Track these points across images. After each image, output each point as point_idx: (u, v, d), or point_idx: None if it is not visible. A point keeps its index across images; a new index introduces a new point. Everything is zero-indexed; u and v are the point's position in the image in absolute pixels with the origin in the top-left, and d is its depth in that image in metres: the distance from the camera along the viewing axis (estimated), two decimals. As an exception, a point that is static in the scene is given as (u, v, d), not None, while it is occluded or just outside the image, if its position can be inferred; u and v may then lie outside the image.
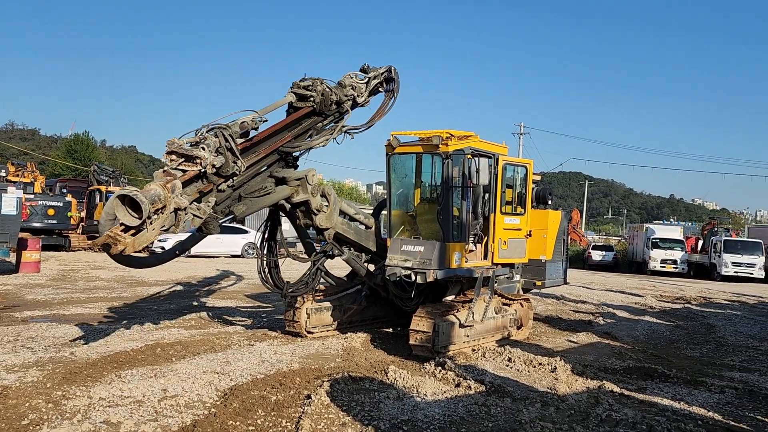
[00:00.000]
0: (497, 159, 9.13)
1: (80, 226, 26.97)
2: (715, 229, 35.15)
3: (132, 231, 5.67)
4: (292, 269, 12.82)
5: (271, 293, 14.50)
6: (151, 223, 5.69)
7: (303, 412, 5.60)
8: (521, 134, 46.76)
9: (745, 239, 33.17)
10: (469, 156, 8.49)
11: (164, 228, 5.93)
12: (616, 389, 7.00)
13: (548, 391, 6.87)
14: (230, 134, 6.56)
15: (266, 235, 8.64)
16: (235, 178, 6.86)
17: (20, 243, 16.27)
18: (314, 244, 9.17)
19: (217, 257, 26.52)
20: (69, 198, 24.95)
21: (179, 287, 15.12)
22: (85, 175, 47.92)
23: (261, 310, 12.15)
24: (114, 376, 6.58)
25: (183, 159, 6.16)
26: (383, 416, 5.69)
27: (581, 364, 8.18)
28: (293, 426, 5.32)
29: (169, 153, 6.15)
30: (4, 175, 16.57)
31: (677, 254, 32.90)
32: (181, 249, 7.52)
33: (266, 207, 7.73)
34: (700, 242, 35.58)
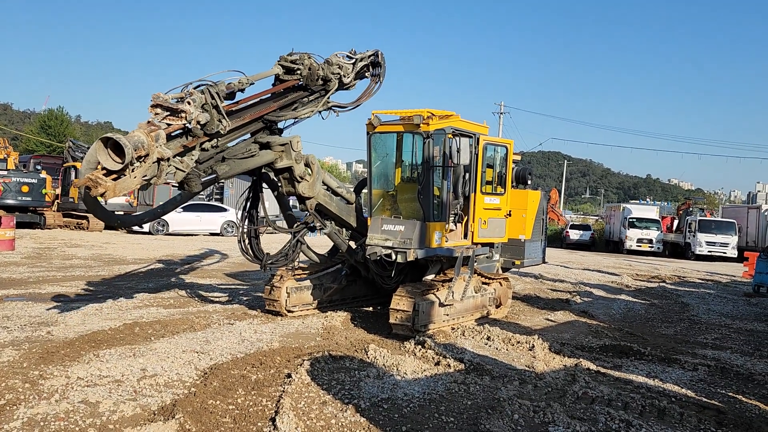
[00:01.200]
0: (478, 139, 9.13)
1: (55, 203, 26.47)
2: (690, 209, 35.70)
3: (113, 176, 5.57)
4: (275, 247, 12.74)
5: (249, 272, 14.54)
6: (132, 170, 5.60)
7: (283, 391, 5.61)
8: (501, 114, 46.82)
9: (718, 219, 33.76)
10: (449, 135, 8.47)
11: (146, 178, 5.85)
12: (593, 367, 7.13)
13: (526, 369, 6.98)
14: (216, 92, 6.51)
15: (248, 205, 8.56)
16: (219, 139, 6.80)
17: (-7, 220, 15.94)
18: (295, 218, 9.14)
19: (196, 235, 26.30)
20: (44, 175, 24.43)
21: (157, 265, 14.97)
22: (59, 152, 46.96)
23: (240, 288, 12.10)
24: (92, 356, 6.51)
25: (168, 113, 6.08)
26: (363, 395, 5.73)
27: (559, 343, 8.30)
28: (273, 405, 5.33)
29: (154, 106, 6.05)
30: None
31: (653, 234, 33.41)
32: (163, 210, 7.45)
33: (249, 169, 7.67)
34: (676, 222, 36.14)
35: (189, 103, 6.14)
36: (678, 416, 5.61)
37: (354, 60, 8.50)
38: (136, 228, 25.50)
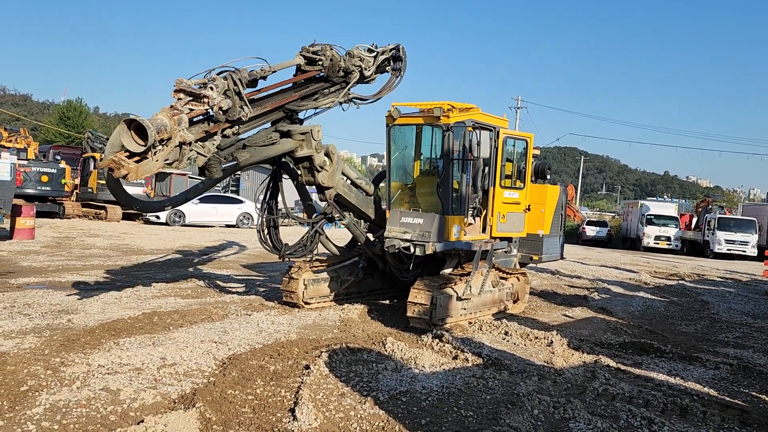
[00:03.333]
0: (498, 132, 9.04)
1: (74, 193, 26.75)
2: (709, 206, 35.25)
3: (136, 158, 5.58)
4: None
5: (266, 263, 14.59)
6: (155, 153, 5.61)
7: (302, 382, 5.60)
8: (518, 108, 46.46)
9: (738, 217, 33.30)
10: (470, 128, 8.40)
11: (167, 161, 5.86)
12: (612, 364, 7.05)
13: (545, 364, 6.92)
14: (239, 78, 6.50)
15: (267, 195, 8.56)
16: (240, 126, 6.81)
17: (14, 209, 16.12)
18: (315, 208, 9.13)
19: (212, 227, 26.45)
20: (63, 165, 24.67)
21: (175, 256, 15.07)
22: (78, 142, 47.42)
23: (257, 279, 12.14)
24: (112, 344, 6.56)
25: (191, 98, 6.08)
26: (382, 387, 5.71)
27: (577, 339, 8.22)
28: (292, 396, 5.33)
29: (177, 91, 6.05)
30: (-1, 139, 16.34)
31: (671, 231, 33.04)
32: (185, 197, 7.48)
33: (269, 157, 7.68)
34: (694, 219, 35.70)
35: (212, 88, 6.15)
36: (701, 415, 5.52)
37: (375, 54, 8.45)
38: (152, 219, 25.73)
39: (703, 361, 7.57)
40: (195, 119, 6.22)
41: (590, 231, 37.72)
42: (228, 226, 27.35)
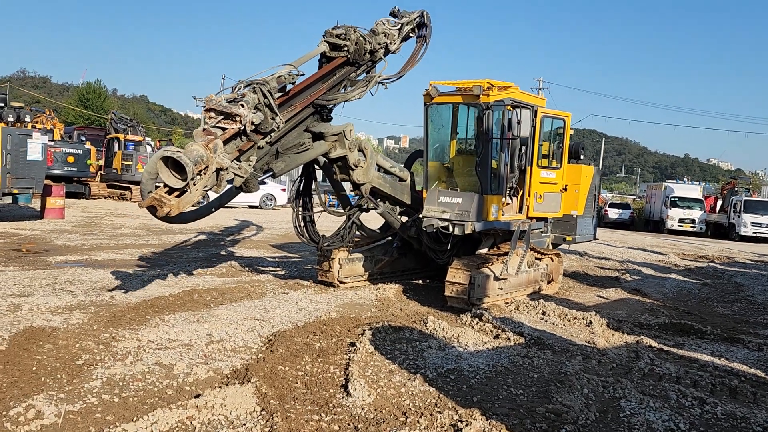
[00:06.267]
0: (536, 111, 8.92)
1: (99, 174, 27.01)
2: (735, 188, 34.69)
3: (176, 193, 5.58)
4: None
5: (295, 243, 14.65)
6: (194, 185, 5.58)
7: (350, 360, 5.63)
8: (540, 89, 45.93)
9: (765, 199, 32.74)
10: (509, 107, 8.30)
11: (206, 188, 5.84)
12: (655, 344, 7.00)
13: (587, 344, 6.88)
14: (268, 90, 6.34)
15: (301, 190, 8.52)
16: (272, 134, 6.72)
17: (44, 189, 16.31)
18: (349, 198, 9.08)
19: (235, 208, 26.57)
20: (88, 146, 24.88)
21: (203, 236, 15.18)
22: (98, 124, 47.81)
23: (289, 260, 12.20)
24: (158, 320, 6.64)
25: (222, 116, 5.99)
26: (428, 365, 5.72)
27: (615, 319, 8.17)
28: (341, 372, 5.35)
29: (208, 110, 5.99)
30: (28, 120, 16.37)
31: (696, 213, 32.61)
32: (218, 204, 7.46)
33: (304, 162, 7.60)
34: (719, 202, 35.18)
35: (242, 105, 6.00)
36: (751, 396, 5.46)
37: (399, 25, 8.19)
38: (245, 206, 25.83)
39: (746, 342, 7.49)
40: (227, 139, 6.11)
41: (612, 213, 37.36)
42: (251, 207, 27.48)
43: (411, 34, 8.53)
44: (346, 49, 7.39)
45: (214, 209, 7.58)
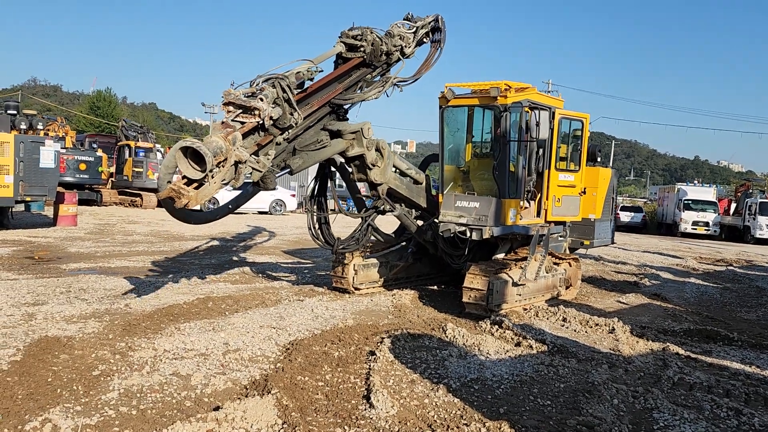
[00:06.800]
0: (554, 112, 8.76)
1: (110, 181, 27.07)
2: (750, 190, 34.27)
3: (195, 185, 5.49)
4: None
5: (307, 249, 14.54)
6: (212, 177, 5.49)
7: (370, 369, 5.49)
8: (549, 92, 45.57)
9: (781, 202, 32.25)
10: (526, 109, 8.15)
11: (224, 181, 5.75)
12: (682, 352, 6.81)
13: (611, 352, 6.70)
14: (287, 84, 6.29)
15: (316, 192, 8.40)
16: (290, 130, 6.62)
17: (57, 197, 16.30)
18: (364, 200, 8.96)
19: (245, 213, 26.52)
20: (100, 153, 24.94)
21: (215, 242, 15.10)
22: (109, 131, 47.99)
23: (302, 266, 12.08)
24: (173, 329, 6.53)
25: (240, 110, 5.92)
26: (451, 374, 5.57)
27: (639, 326, 7.98)
28: (362, 382, 5.21)
29: (226, 104, 5.92)
30: (41, 128, 16.38)
31: (710, 216, 32.21)
32: (235, 205, 7.36)
33: (322, 160, 7.49)
34: (733, 204, 34.76)
35: (261, 99, 5.93)
36: (787, 406, 5.27)
37: (415, 29, 8.11)
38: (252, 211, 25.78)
39: (775, 349, 7.28)
40: (245, 132, 6.05)
41: (624, 216, 36.95)
42: (260, 212, 27.41)
43: (425, 39, 8.43)
44: (362, 49, 7.32)
45: (231, 207, 7.51)
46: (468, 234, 7.93)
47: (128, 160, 26.44)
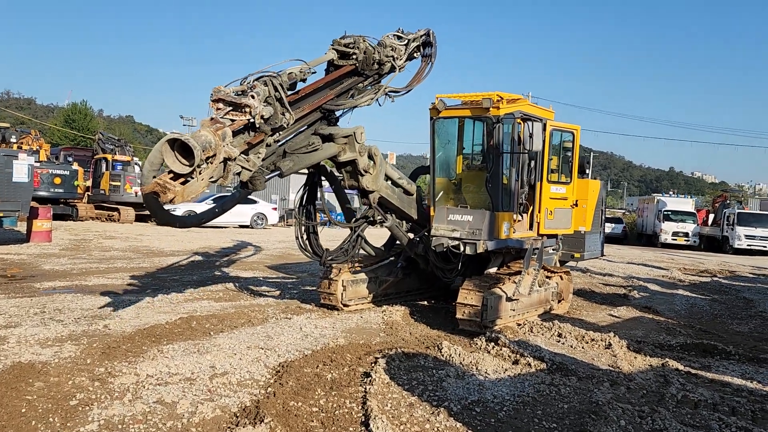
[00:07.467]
0: (545, 124, 8.64)
1: (86, 195, 26.43)
2: (727, 201, 34.72)
3: (181, 179, 5.20)
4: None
5: (291, 264, 14.23)
6: (200, 173, 5.22)
7: (366, 392, 5.22)
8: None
9: (758, 212, 32.73)
10: (518, 120, 8.01)
11: (212, 179, 5.49)
12: (681, 367, 6.66)
13: (611, 369, 6.52)
14: (280, 83, 6.08)
15: (304, 200, 8.15)
16: (281, 132, 6.41)
17: (31, 212, 15.77)
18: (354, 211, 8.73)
19: (225, 227, 26.10)
20: (76, 167, 24.33)
21: (196, 258, 14.71)
22: (85, 144, 47.16)
23: (287, 281, 11.77)
24: (156, 351, 6.19)
25: (230, 108, 5.67)
26: (450, 396, 5.33)
27: (634, 341, 7.83)
28: (359, 407, 4.94)
29: (216, 101, 5.66)
30: (14, 141, 15.86)
31: (689, 227, 32.53)
32: (221, 209, 7.08)
33: (313, 164, 7.26)
34: (711, 215, 35.17)
35: (253, 96, 5.71)
36: (795, 423, 5.12)
37: (406, 41, 8.03)
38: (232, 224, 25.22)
39: (773, 363, 7.17)
40: (236, 131, 5.82)
41: (605, 227, 37.18)
42: (241, 226, 27.00)
43: (415, 54, 8.35)
44: (354, 57, 7.21)
45: (218, 211, 7.25)
46: (462, 248, 7.72)
47: (105, 173, 25.86)
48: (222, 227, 25.96)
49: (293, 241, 8.47)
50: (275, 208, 29.46)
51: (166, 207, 5.60)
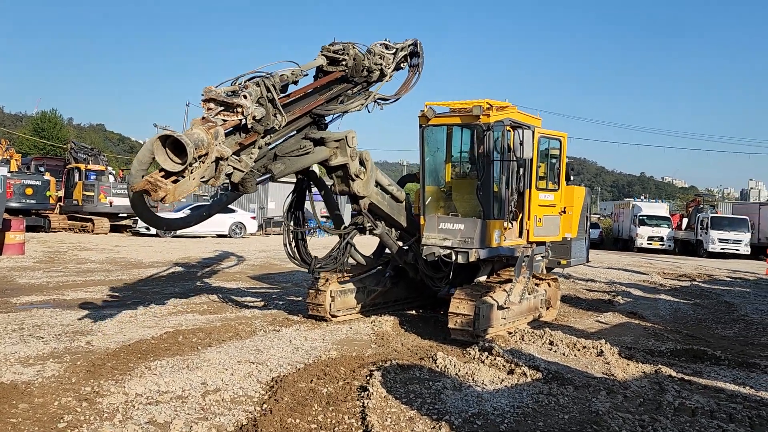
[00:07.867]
0: (533, 131, 8.63)
1: (58, 205, 25.80)
2: (701, 206, 35.37)
3: (173, 178, 5.05)
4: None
5: (274, 274, 14.03)
6: (192, 172, 5.07)
7: (364, 407, 5.11)
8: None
9: (731, 216, 33.36)
10: (508, 128, 7.99)
11: (204, 179, 5.35)
12: (674, 374, 6.67)
13: (605, 377, 6.50)
14: (272, 84, 6.00)
15: (293, 206, 8.01)
16: (272, 134, 6.31)
17: (3, 224, 15.30)
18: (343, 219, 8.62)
19: (203, 237, 25.70)
20: (48, 177, 23.74)
21: (177, 269, 14.42)
22: (54, 153, 46.15)
23: (271, 292, 11.58)
24: (143, 368, 5.98)
25: (222, 108, 5.56)
26: (449, 409, 5.24)
27: (625, 347, 7.84)
28: (359, 423, 4.82)
29: (207, 101, 5.54)
30: (-15, 151, 15.41)
31: (664, 231, 33.03)
32: (209, 212, 6.92)
33: (304, 167, 7.18)
34: (685, 219, 35.78)
35: (245, 96, 5.63)
36: (792, 428, 5.14)
37: (394, 50, 8.02)
38: (142, 230, 24.86)
39: (762, 367, 7.23)
40: (227, 131, 5.71)
41: (582, 233, 37.57)
42: (219, 236, 26.62)
43: (402, 65, 8.38)
44: (344, 63, 7.20)
45: (205, 214, 7.08)
46: (453, 257, 7.65)
47: (78, 183, 25.29)
48: (200, 237, 25.56)
49: (274, 250, 8.35)
50: (254, 217, 29.14)
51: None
